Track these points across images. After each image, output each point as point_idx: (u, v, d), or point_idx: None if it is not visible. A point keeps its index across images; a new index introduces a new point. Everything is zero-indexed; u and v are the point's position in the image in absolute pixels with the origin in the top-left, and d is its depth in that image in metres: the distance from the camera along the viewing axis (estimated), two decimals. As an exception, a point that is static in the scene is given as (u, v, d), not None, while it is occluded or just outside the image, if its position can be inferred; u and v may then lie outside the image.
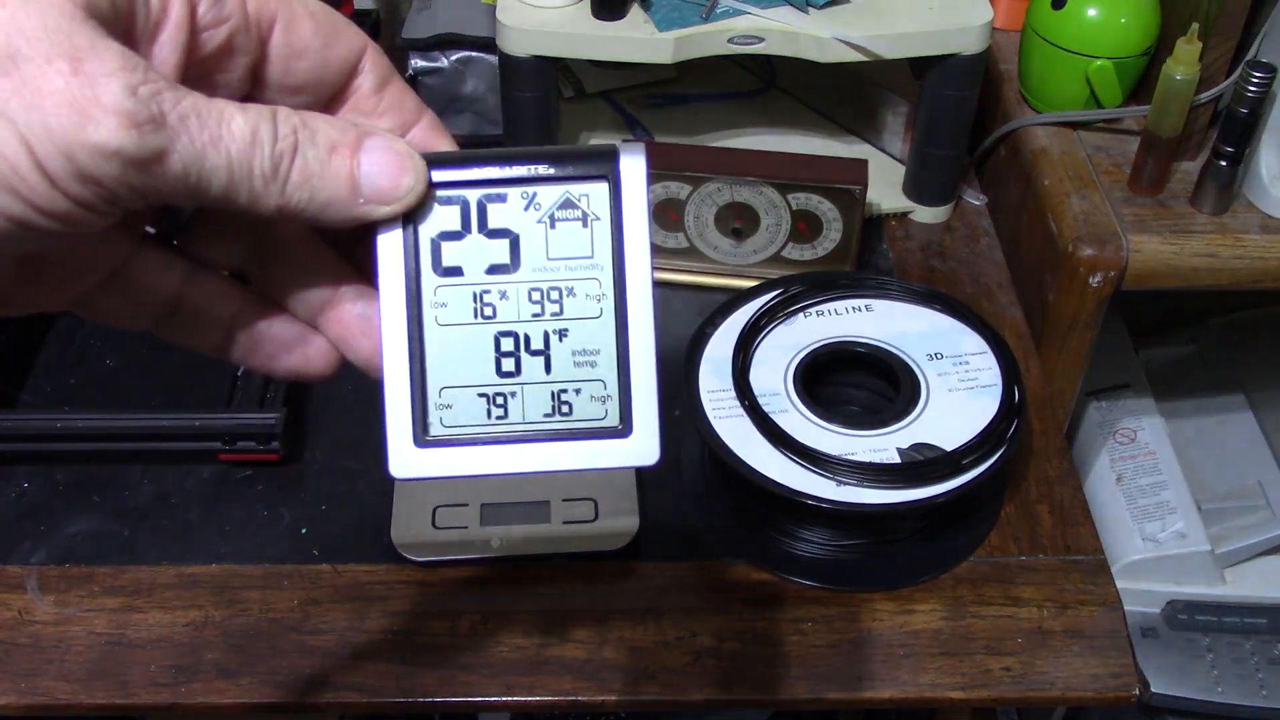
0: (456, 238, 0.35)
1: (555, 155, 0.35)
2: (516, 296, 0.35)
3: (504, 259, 0.35)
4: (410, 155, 0.33)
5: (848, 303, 0.73)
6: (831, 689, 0.61)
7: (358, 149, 0.32)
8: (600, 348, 0.35)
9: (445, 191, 0.35)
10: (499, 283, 0.35)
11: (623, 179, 0.35)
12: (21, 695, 0.61)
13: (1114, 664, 0.62)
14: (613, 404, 0.36)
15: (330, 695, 0.61)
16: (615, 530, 0.66)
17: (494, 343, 0.35)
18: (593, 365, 0.35)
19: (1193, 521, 0.93)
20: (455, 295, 0.35)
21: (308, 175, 0.31)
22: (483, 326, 0.35)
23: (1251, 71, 0.72)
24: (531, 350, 0.35)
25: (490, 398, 0.36)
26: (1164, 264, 0.77)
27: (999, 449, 0.64)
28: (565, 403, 0.36)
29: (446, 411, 0.35)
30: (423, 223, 0.35)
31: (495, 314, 0.35)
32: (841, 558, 0.67)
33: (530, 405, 0.36)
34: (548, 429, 0.36)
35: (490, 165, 0.35)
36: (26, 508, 0.69)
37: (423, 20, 0.94)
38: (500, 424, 0.36)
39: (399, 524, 0.66)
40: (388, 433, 0.35)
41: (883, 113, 0.93)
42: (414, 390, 0.35)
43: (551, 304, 0.35)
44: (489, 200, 0.35)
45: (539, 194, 0.35)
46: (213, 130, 0.29)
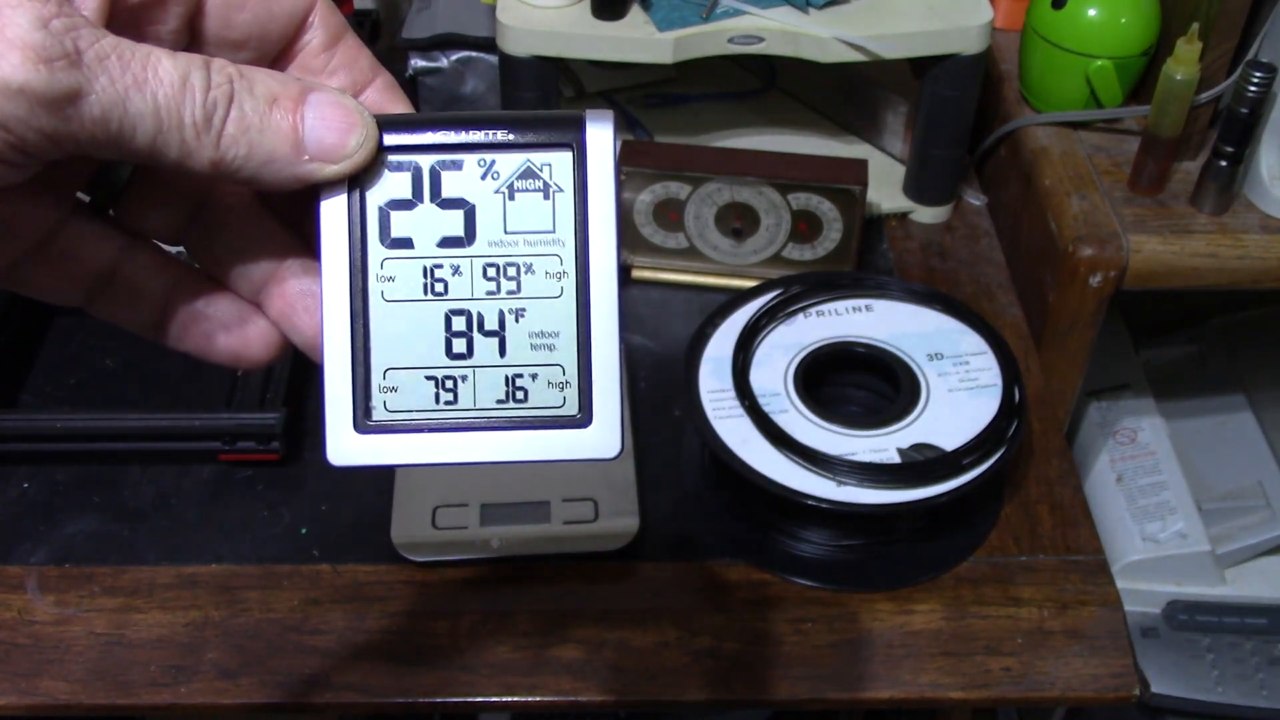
0: (407, 206, 0.32)
1: (516, 120, 0.32)
2: (470, 272, 0.33)
3: (458, 231, 0.32)
4: (359, 111, 0.31)
5: (848, 303, 0.73)
6: (831, 689, 0.61)
7: (301, 103, 0.30)
8: (560, 330, 0.33)
9: (396, 156, 0.32)
10: (451, 256, 0.33)
11: (589, 148, 0.32)
12: (21, 695, 0.61)
13: (1114, 664, 0.62)
14: (571, 391, 0.33)
15: (330, 695, 0.61)
16: (615, 530, 0.66)
17: (444, 321, 0.33)
18: (551, 349, 0.33)
19: (1193, 521, 0.93)
20: (404, 269, 0.33)
21: (245, 128, 0.29)
22: (433, 304, 0.33)
23: (1251, 71, 0.72)
24: (485, 331, 0.33)
25: (439, 381, 0.33)
26: (1164, 264, 0.77)
27: (999, 449, 0.64)
28: (520, 388, 0.33)
29: (391, 395, 0.33)
30: (370, 189, 0.32)
31: (447, 290, 0.33)
32: (841, 558, 0.67)
33: (482, 390, 0.33)
34: (500, 416, 0.33)
35: (445, 129, 0.32)
36: (26, 508, 0.69)
37: (423, 20, 0.94)
38: (449, 410, 0.33)
39: (399, 524, 0.66)
40: (326, 417, 0.33)
41: (883, 113, 0.93)
42: (355, 371, 0.33)
43: (508, 281, 0.33)
44: (443, 167, 0.32)
45: (498, 162, 0.32)
46: (137, 73, 0.27)
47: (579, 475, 0.69)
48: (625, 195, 0.81)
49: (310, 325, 0.33)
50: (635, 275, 0.85)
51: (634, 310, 0.83)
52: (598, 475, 0.69)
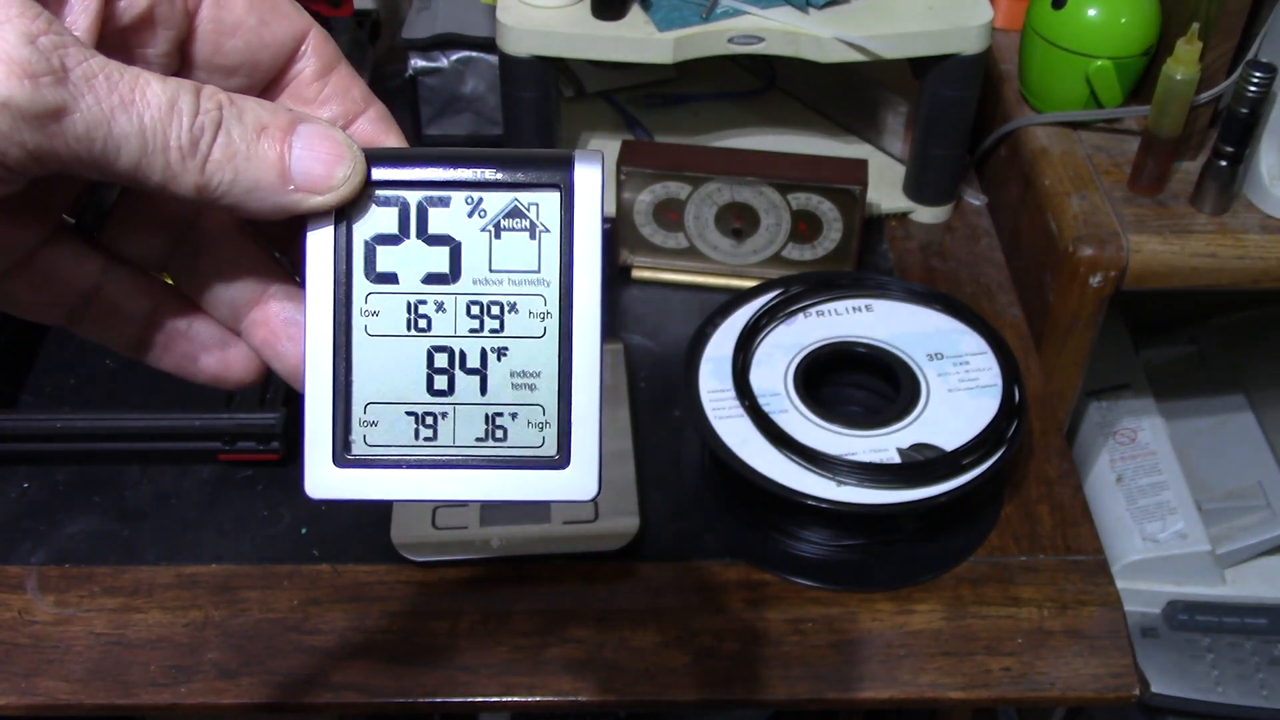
0: (393, 242, 0.32)
1: (505, 159, 0.32)
2: (454, 309, 0.33)
3: (443, 268, 0.32)
4: (348, 145, 0.31)
5: (848, 303, 0.73)
6: (831, 689, 0.61)
7: (290, 133, 0.30)
8: (541, 370, 0.33)
9: (384, 191, 0.32)
10: (436, 293, 0.33)
11: (576, 189, 0.32)
12: (21, 695, 0.61)
13: (1114, 664, 0.62)
14: (550, 431, 0.33)
15: (330, 695, 0.61)
16: (615, 530, 0.66)
17: (427, 358, 0.33)
18: (532, 388, 0.33)
19: (1193, 521, 0.93)
20: (388, 304, 0.33)
21: (231, 154, 0.29)
22: (416, 339, 0.33)
23: (1251, 71, 0.72)
24: (467, 368, 0.33)
25: (419, 417, 0.33)
26: (1164, 264, 0.77)
27: (999, 449, 0.64)
28: (500, 427, 0.33)
29: (371, 429, 0.33)
30: (357, 223, 0.32)
31: (430, 327, 0.33)
32: (841, 558, 0.67)
33: (462, 428, 0.33)
34: (479, 455, 0.33)
35: (434, 165, 0.32)
36: (26, 508, 0.69)
37: (423, 20, 0.94)
38: (428, 446, 0.33)
39: (399, 524, 0.66)
40: (305, 448, 0.33)
41: (883, 113, 0.93)
42: (336, 404, 0.33)
43: (491, 319, 0.33)
44: (430, 203, 0.32)
45: (485, 200, 0.32)
46: (124, 94, 0.27)
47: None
48: (625, 195, 0.81)
49: (293, 353, 0.34)
50: (635, 275, 0.85)
51: (634, 310, 0.83)
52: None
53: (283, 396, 0.72)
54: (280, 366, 0.34)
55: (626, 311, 0.83)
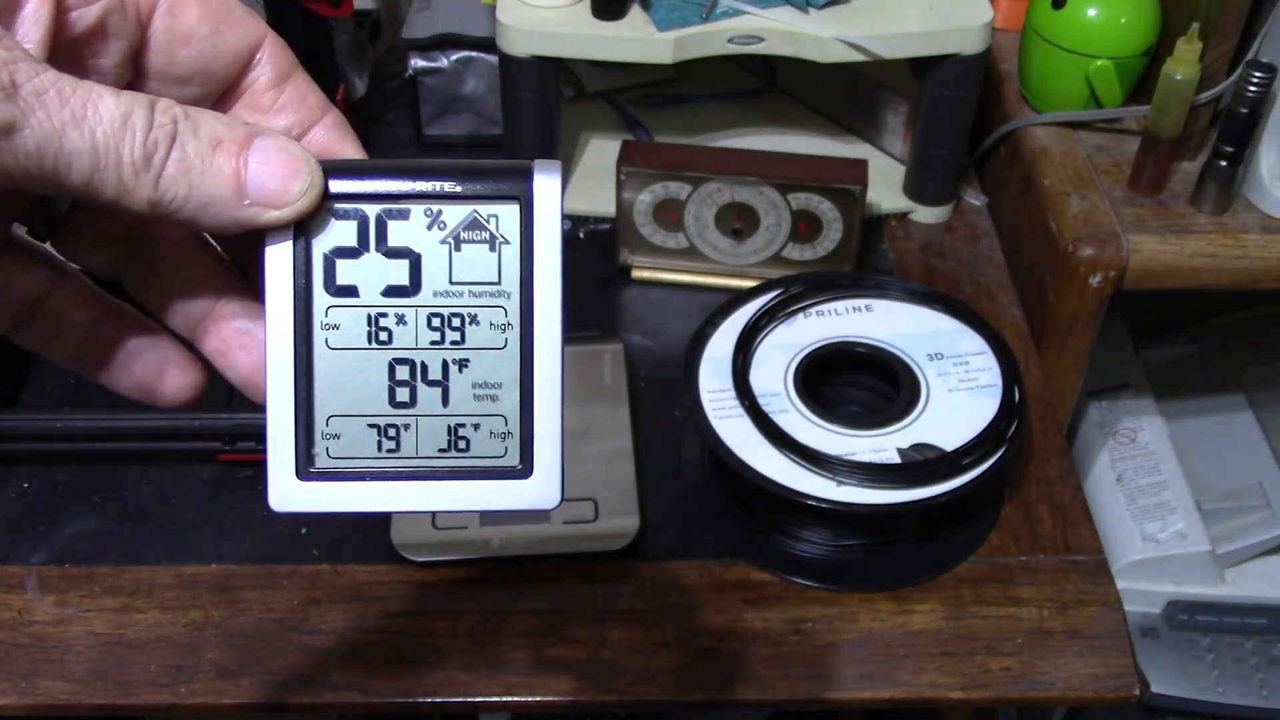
0: (352, 255, 0.32)
1: (463, 171, 0.32)
2: (415, 321, 0.33)
3: (403, 280, 0.32)
4: (305, 159, 0.31)
5: (848, 303, 0.73)
6: (831, 689, 0.61)
7: (246, 147, 0.30)
8: (503, 381, 0.33)
9: (343, 204, 0.32)
10: (396, 306, 0.33)
11: (536, 200, 0.32)
12: (21, 695, 0.61)
13: (1114, 664, 0.62)
14: (513, 442, 0.33)
15: (330, 695, 0.61)
16: (615, 530, 0.66)
17: (388, 370, 0.33)
18: (494, 399, 0.33)
19: (1193, 521, 0.93)
20: (348, 317, 0.33)
21: (186, 169, 0.29)
22: (377, 352, 0.33)
23: (1251, 71, 0.72)
24: (429, 380, 0.33)
25: (382, 429, 0.33)
26: (1164, 264, 0.77)
27: (999, 449, 0.64)
28: (462, 438, 0.33)
29: (334, 442, 0.33)
30: (316, 236, 0.32)
31: (391, 339, 0.33)
32: (841, 558, 0.67)
33: (425, 439, 0.33)
34: (442, 466, 0.33)
35: (392, 178, 0.32)
36: (26, 508, 0.69)
37: (423, 20, 0.94)
38: (391, 458, 0.33)
39: (399, 524, 0.66)
40: (268, 462, 0.33)
41: (883, 113, 0.93)
42: (299, 418, 0.33)
43: (452, 331, 0.33)
44: (389, 216, 0.32)
45: (444, 212, 0.32)
46: (75, 109, 0.27)
47: (579, 475, 0.69)
48: (625, 195, 0.81)
49: (246, 364, 0.34)
50: (635, 275, 0.85)
51: (634, 310, 0.83)
52: (598, 475, 0.69)
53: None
54: (234, 376, 0.34)
55: (626, 311, 0.83)
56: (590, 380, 0.75)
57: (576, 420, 0.73)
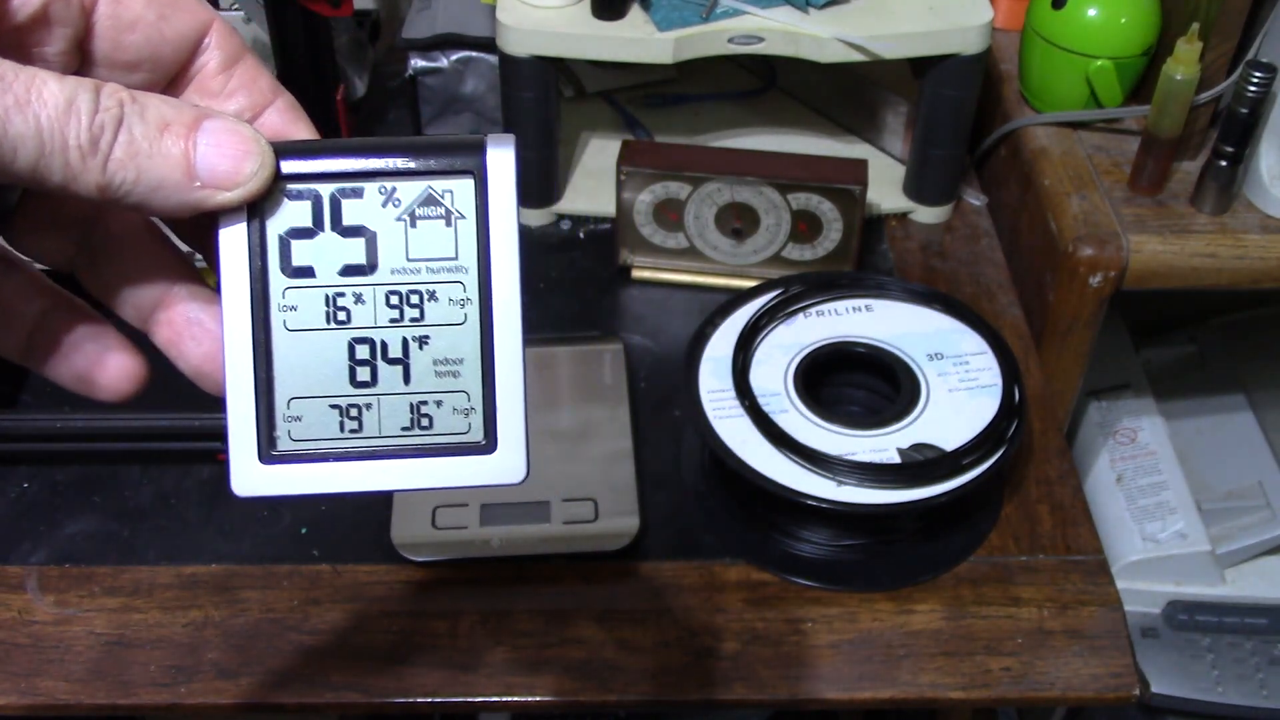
0: (307, 235, 0.32)
1: (416, 147, 0.32)
2: (373, 300, 0.33)
3: (359, 259, 0.32)
4: (255, 139, 0.30)
5: (848, 303, 0.73)
6: (831, 689, 0.61)
7: (194, 129, 0.29)
8: (464, 357, 0.33)
9: (296, 185, 0.32)
10: (354, 285, 0.32)
11: (490, 174, 0.32)
12: (21, 695, 0.61)
13: (1114, 664, 0.62)
14: (476, 417, 0.33)
15: (330, 695, 0.61)
16: (615, 530, 0.66)
17: (348, 350, 0.33)
18: (455, 375, 0.33)
19: (1193, 521, 0.93)
20: (306, 298, 0.32)
21: (134, 153, 0.28)
22: (336, 332, 0.33)
23: (1251, 71, 0.72)
24: (389, 359, 0.33)
25: (344, 410, 0.33)
26: (1164, 264, 0.77)
27: (999, 449, 0.64)
28: (425, 415, 0.33)
29: (295, 424, 0.33)
30: (270, 218, 0.32)
31: (350, 319, 0.33)
32: (841, 558, 0.67)
33: (387, 418, 0.33)
34: (406, 444, 0.33)
35: (345, 156, 0.32)
36: (26, 508, 0.69)
37: (423, 20, 0.94)
38: (354, 438, 0.33)
39: (399, 524, 0.66)
40: (230, 447, 0.33)
41: (883, 113, 0.93)
42: (259, 401, 0.33)
43: (411, 309, 0.33)
44: (343, 195, 0.32)
45: (399, 189, 0.32)
46: (19, 94, 0.27)
47: (579, 475, 0.69)
48: (625, 195, 0.81)
49: (197, 354, 0.33)
50: (635, 275, 0.85)
51: (634, 310, 0.83)
52: (598, 475, 0.69)
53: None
54: (185, 367, 0.34)
55: (626, 311, 0.83)
56: (590, 380, 0.75)
57: (576, 420, 0.73)
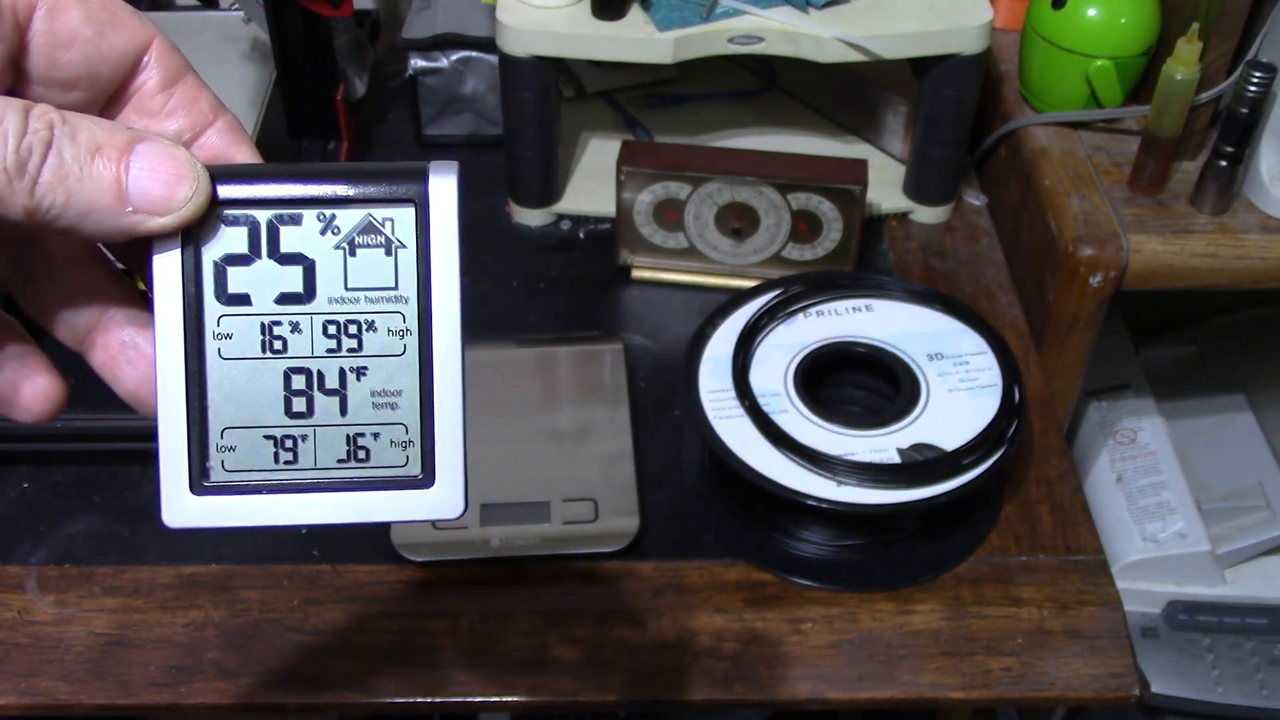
0: (244, 262, 0.31)
1: (357, 174, 0.32)
2: (310, 329, 0.32)
3: (297, 287, 0.32)
4: (190, 164, 0.30)
5: (848, 303, 0.73)
6: (831, 689, 0.61)
7: (127, 152, 0.29)
8: (402, 389, 0.32)
9: (232, 210, 0.31)
10: (291, 314, 0.32)
11: (432, 203, 0.32)
12: (21, 695, 0.61)
13: (1114, 664, 0.62)
14: (414, 450, 0.33)
15: (330, 695, 0.61)
16: (615, 530, 0.66)
17: (284, 380, 0.32)
18: (393, 407, 0.32)
19: (1193, 521, 0.93)
20: (241, 326, 0.32)
21: (63, 176, 0.28)
22: (271, 361, 0.32)
23: (1251, 71, 0.72)
24: (325, 389, 0.32)
25: (278, 440, 0.32)
26: (1164, 264, 0.77)
27: (999, 449, 0.64)
28: (362, 448, 0.33)
29: (229, 455, 0.32)
30: (206, 244, 0.31)
31: (286, 348, 0.32)
32: (841, 558, 0.67)
33: (323, 450, 0.33)
34: (341, 477, 0.33)
35: (283, 182, 0.31)
36: (26, 508, 0.69)
37: (423, 20, 0.94)
38: (289, 470, 0.33)
39: (399, 524, 0.66)
40: (161, 477, 0.32)
41: (883, 113, 0.93)
42: (191, 431, 0.32)
43: (349, 339, 0.32)
44: (281, 221, 0.31)
45: (338, 216, 0.31)
46: None
47: (579, 475, 0.69)
48: (625, 195, 0.81)
49: (133, 378, 0.33)
50: (635, 275, 0.85)
51: (634, 310, 0.83)
52: (597, 475, 0.69)
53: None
54: (120, 390, 0.33)
55: (626, 311, 0.83)
56: (590, 380, 0.75)
57: (576, 420, 0.73)
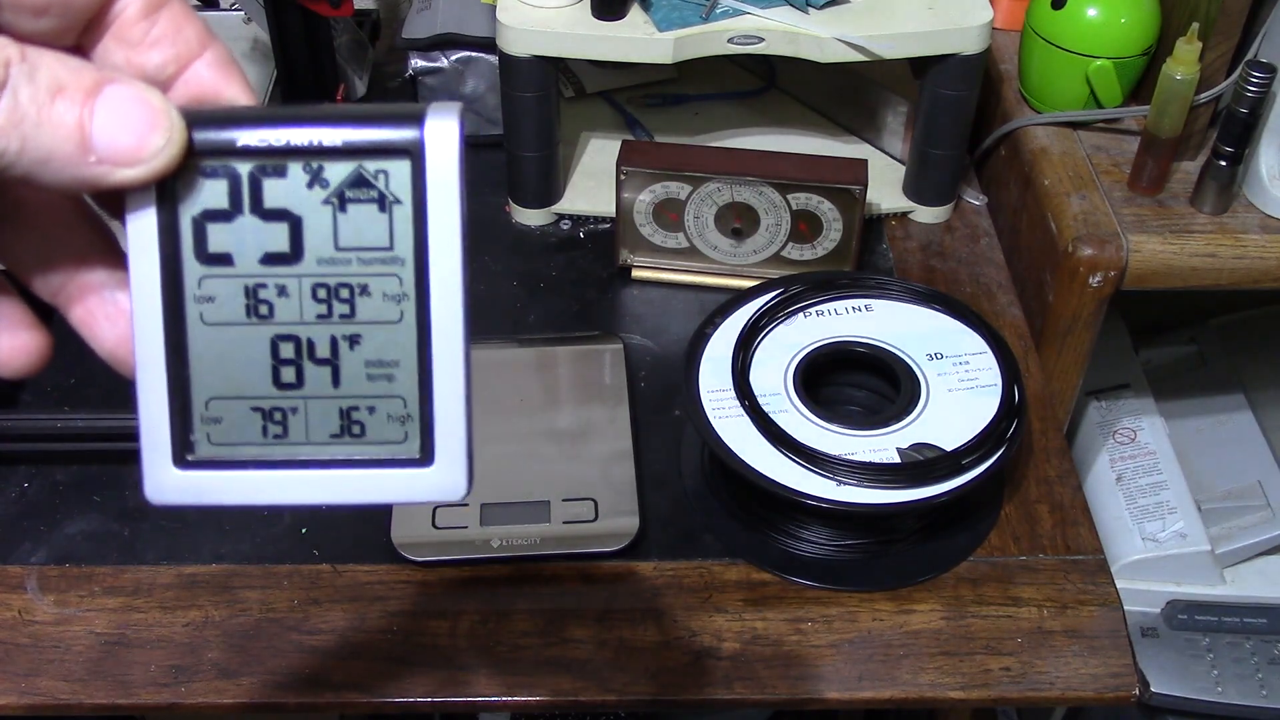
0: (225, 218, 0.29)
1: (346, 117, 0.28)
2: (298, 293, 0.29)
3: (282, 246, 0.29)
4: (164, 110, 0.27)
5: (848, 303, 0.73)
6: (831, 689, 0.61)
7: (93, 95, 0.26)
8: (399, 359, 0.30)
9: (211, 161, 0.28)
10: (277, 275, 0.29)
11: (429, 152, 0.28)
12: (21, 695, 0.61)
13: (1114, 664, 0.62)
14: (413, 426, 0.30)
15: (330, 695, 0.61)
16: (615, 530, 0.66)
17: (271, 348, 0.30)
18: (390, 379, 0.30)
19: (1193, 521, 0.93)
20: (224, 288, 0.29)
21: (18, 120, 0.25)
22: (257, 328, 0.29)
23: (1251, 71, 0.72)
24: (316, 358, 0.30)
25: (267, 413, 0.30)
26: (1164, 264, 0.77)
27: (999, 449, 0.64)
28: (356, 423, 0.30)
29: (214, 427, 0.30)
30: (183, 198, 0.29)
31: (272, 313, 0.29)
32: (841, 558, 0.67)
33: (315, 424, 0.30)
34: (335, 453, 0.30)
35: (265, 127, 0.28)
36: (26, 508, 0.69)
37: (423, 20, 0.94)
38: (279, 445, 0.30)
39: (399, 524, 0.66)
40: (142, 450, 0.30)
41: (883, 113, 0.93)
42: (174, 401, 0.30)
43: (341, 304, 0.29)
44: (264, 174, 0.28)
45: (326, 168, 0.29)
46: None
47: (579, 475, 0.69)
48: (625, 195, 0.81)
49: (111, 336, 0.31)
50: (635, 275, 0.85)
51: (634, 310, 0.83)
52: (598, 475, 0.69)
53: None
54: (99, 349, 0.31)
55: (626, 311, 0.83)
56: (590, 380, 0.76)
57: (576, 420, 0.73)
